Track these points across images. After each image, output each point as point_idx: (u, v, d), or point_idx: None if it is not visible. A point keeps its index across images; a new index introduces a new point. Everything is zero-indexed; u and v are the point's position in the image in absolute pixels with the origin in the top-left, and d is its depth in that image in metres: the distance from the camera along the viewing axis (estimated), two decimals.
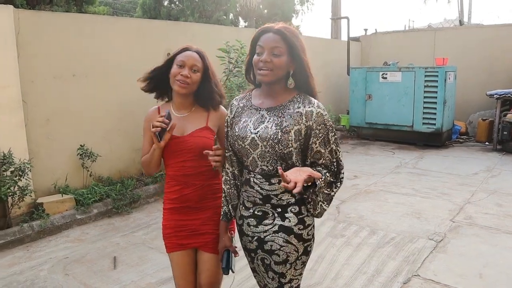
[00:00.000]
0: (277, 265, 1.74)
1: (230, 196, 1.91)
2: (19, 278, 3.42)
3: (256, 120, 1.74)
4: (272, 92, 1.76)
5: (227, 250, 1.94)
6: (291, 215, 1.71)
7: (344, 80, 10.00)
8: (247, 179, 1.79)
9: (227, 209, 1.93)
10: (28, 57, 4.53)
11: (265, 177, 1.72)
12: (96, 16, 6.52)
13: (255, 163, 1.72)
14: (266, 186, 1.72)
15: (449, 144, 8.59)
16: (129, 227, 4.49)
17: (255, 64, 1.70)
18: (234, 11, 12.94)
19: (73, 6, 9.48)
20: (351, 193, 5.45)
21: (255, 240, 1.78)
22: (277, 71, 1.68)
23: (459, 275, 3.28)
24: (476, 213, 4.62)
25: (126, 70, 5.44)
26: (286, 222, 1.71)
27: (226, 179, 1.91)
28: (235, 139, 1.77)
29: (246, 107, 1.82)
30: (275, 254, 1.73)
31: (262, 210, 1.75)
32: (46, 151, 4.77)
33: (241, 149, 1.75)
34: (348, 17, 10.18)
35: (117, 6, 20.35)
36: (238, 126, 1.78)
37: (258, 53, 1.70)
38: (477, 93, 9.35)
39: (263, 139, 1.68)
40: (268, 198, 1.73)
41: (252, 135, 1.71)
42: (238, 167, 1.89)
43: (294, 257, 1.73)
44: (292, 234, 1.71)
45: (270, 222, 1.73)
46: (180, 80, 1.94)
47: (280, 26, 1.70)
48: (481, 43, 9.49)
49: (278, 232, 1.72)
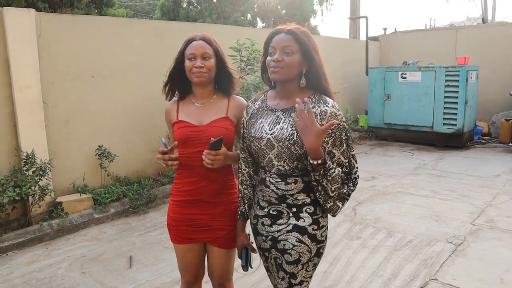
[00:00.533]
0: (289, 265, 1.74)
1: (246, 196, 1.94)
2: (38, 275, 3.49)
3: (272, 121, 1.74)
4: (286, 92, 1.76)
5: (245, 248, 1.97)
6: (306, 215, 1.71)
7: (362, 80, 9.89)
8: (263, 178, 1.79)
9: (244, 209, 1.96)
10: (48, 59, 4.63)
11: (281, 177, 1.72)
12: (114, 18, 6.62)
13: (272, 163, 1.73)
14: (282, 186, 1.72)
15: (470, 145, 8.39)
16: (145, 226, 4.54)
17: (268, 64, 1.72)
18: (252, 12, 12.93)
19: (94, 9, 9.64)
20: (368, 194, 5.38)
21: (269, 240, 1.79)
22: (288, 70, 1.68)
23: (478, 280, 3.20)
24: (498, 216, 4.49)
25: (144, 71, 5.51)
26: (301, 222, 1.71)
27: (243, 179, 1.93)
28: (251, 140, 1.78)
29: (261, 108, 1.83)
30: (287, 253, 1.73)
31: (277, 210, 1.75)
32: (65, 151, 4.87)
33: (257, 150, 1.76)
34: (367, 16, 10.05)
35: (137, 8, 20.63)
36: (254, 127, 1.79)
37: (271, 54, 1.72)
38: (500, 93, 9.10)
39: (278, 139, 1.68)
40: (283, 198, 1.73)
41: (268, 136, 1.72)
42: (253, 167, 1.91)
43: (307, 257, 1.72)
44: (306, 234, 1.71)
45: (284, 222, 1.74)
46: (196, 72, 1.93)
47: (291, 27, 1.72)
48: (505, 41, 9.23)
49: (291, 231, 1.72)
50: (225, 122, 1.98)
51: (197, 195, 2.01)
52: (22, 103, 4.36)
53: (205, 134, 1.94)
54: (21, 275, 3.49)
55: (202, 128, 1.96)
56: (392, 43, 10.95)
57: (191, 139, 1.96)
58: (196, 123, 1.97)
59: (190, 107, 2.03)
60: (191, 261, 2.13)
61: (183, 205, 2.04)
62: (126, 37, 5.39)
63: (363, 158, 7.53)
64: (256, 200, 1.87)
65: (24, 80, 4.37)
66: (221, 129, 1.96)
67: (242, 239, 1.97)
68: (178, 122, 2.01)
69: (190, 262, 2.13)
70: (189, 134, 1.96)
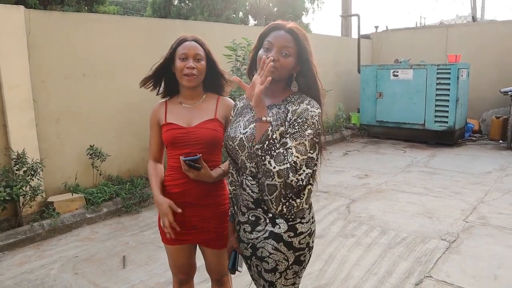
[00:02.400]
0: (267, 273, 1.69)
1: (236, 197, 1.86)
2: (29, 276, 3.44)
3: (248, 120, 1.69)
4: (270, 91, 1.66)
5: (234, 250, 1.94)
6: (282, 221, 1.64)
7: (354, 78, 9.91)
8: (241, 181, 1.74)
9: (234, 210, 1.90)
10: (38, 57, 4.56)
11: (255, 179, 1.65)
12: (105, 15, 6.55)
13: (245, 165, 1.67)
14: (256, 189, 1.65)
15: (461, 143, 8.46)
16: (138, 226, 4.50)
17: (260, 59, 1.58)
18: (244, 10, 12.90)
19: (84, 6, 9.53)
20: (361, 192, 5.39)
21: (249, 247, 1.75)
22: (281, 71, 1.61)
23: (472, 277, 3.22)
24: (490, 213, 4.53)
25: (136, 69, 5.43)
26: (276, 229, 1.64)
27: (232, 180, 1.86)
28: (227, 139, 1.73)
29: (244, 106, 1.79)
30: (265, 261, 1.68)
31: (255, 215, 1.71)
32: (57, 150, 4.80)
33: (232, 150, 1.71)
34: (358, 14, 10.08)
35: (127, 6, 20.45)
36: (232, 126, 1.74)
37: (266, 49, 1.62)
38: (490, 91, 9.18)
39: (249, 139, 1.61)
40: (258, 202, 1.67)
41: (241, 135, 1.66)
42: (235, 167, 1.82)
43: (284, 266, 1.65)
44: (282, 241, 1.63)
45: (262, 228, 1.69)
46: (187, 74, 1.90)
47: (292, 26, 1.64)
48: (495, 39, 9.31)
49: (268, 238, 1.66)
50: (213, 123, 1.97)
51: (185, 197, 1.99)
52: (11, 102, 4.28)
53: (194, 136, 1.94)
54: (12, 277, 3.44)
55: (190, 130, 1.95)
56: (384, 41, 10.99)
57: (179, 141, 1.95)
58: (184, 125, 1.96)
59: (178, 108, 2.01)
60: (182, 261, 2.13)
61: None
62: (118, 35, 5.33)
63: (356, 156, 7.55)
64: (239, 205, 1.81)
65: (14, 79, 4.29)
66: (209, 130, 1.94)
67: (231, 241, 1.92)
68: (166, 125, 1.99)
69: (182, 262, 2.14)
70: (178, 136, 1.94)
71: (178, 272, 2.16)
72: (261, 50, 1.64)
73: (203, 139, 1.93)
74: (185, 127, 1.95)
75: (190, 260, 2.16)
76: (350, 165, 6.84)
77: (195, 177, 1.87)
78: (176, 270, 2.16)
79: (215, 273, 2.17)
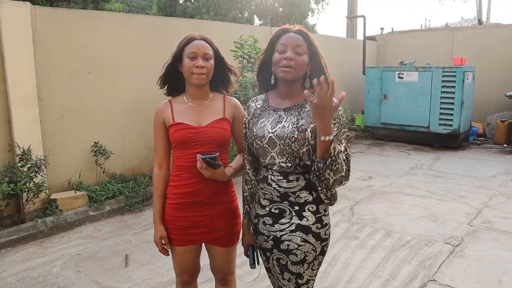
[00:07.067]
0: (294, 265, 1.73)
1: (251, 195, 1.94)
2: (31, 273, 3.43)
3: (274, 120, 1.75)
4: (290, 92, 1.76)
5: (252, 246, 1.97)
6: (309, 213, 1.71)
7: (359, 79, 9.88)
8: (264, 176, 1.78)
9: (249, 208, 1.96)
10: (44, 53, 4.56)
11: (283, 175, 1.72)
12: (110, 13, 6.54)
13: (274, 161, 1.73)
14: (284, 184, 1.72)
15: (466, 146, 8.41)
16: (141, 224, 4.49)
17: (277, 62, 1.69)
18: (250, 10, 12.88)
19: (90, 3, 9.54)
20: (365, 194, 5.37)
21: (270, 240, 1.78)
22: (298, 70, 1.69)
23: (477, 281, 3.19)
24: (495, 217, 4.50)
25: (141, 67, 5.45)
26: (304, 221, 1.71)
27: (247, 179, 1.94)
28: (253, 138, 1.78)
29: (263, 108, 1.84)
30: (293, 253, 1.72)
31: (280, 208, 1.75)
32: (61, 147, 4.80)
33: (259, 149, 1.76)
34: (364, 15, 10.05)
35: (133, 4, 20.49)
36: (256, 126, 1.79)
37: (280, 51, 1.70)
38: (495, 94, 9.14)
39: (280, 137, 1.69)
40: (286, 196, 1.73)
41: (270, 134, 1.73)
42: (253, 166, 1.92)
43: (312, 256, 1.73)
44: (310, 233, 1.71)
45: (287, 221, 1.73)
46: (197, 73, 1.89)
47: (298, 28, 1.75)
48: (501, 42, 9.27)
49: (295, 231, 1.71)
50: (223, 122, 1.97)
51: (195, 196, 1.97)
52: (16, 98, 4.29)
53: (205, 135, 1.92)
54: (15, 273, 3.43)
55: (202, 129, 1.93)
56: (389, 42, 10.96)
57: (190, 141, 1.93)
58: (194, 124, 1.94)
59: (185, 108, 1.98)
60: (188, 262, 2.11)
61: (181, 207, 1.99)
62: (123, 32, 5.32)
63: (360, 158, 7.52)
64: (257, 199, 1.86)
65: (19, 75, 4.29)
66: (219, 130, 1.95)
67: (248, 238, 1.96)
68: (175, 125, 1.95)
69: (188, 263, 2.11)
70: (189, 136, 1.92)
71: (183, 273, 2.14)
72: (276, 53, 1.72)
73: (215, 139, 1.93)
74: (196, 126, 1.93)
75: (195, 260, 2.14)
76: (354, 167, 6.79)
77: (210, 176, 1.84)
78: (181, 270, 2.14)
79: (221, 272, 2.15)
